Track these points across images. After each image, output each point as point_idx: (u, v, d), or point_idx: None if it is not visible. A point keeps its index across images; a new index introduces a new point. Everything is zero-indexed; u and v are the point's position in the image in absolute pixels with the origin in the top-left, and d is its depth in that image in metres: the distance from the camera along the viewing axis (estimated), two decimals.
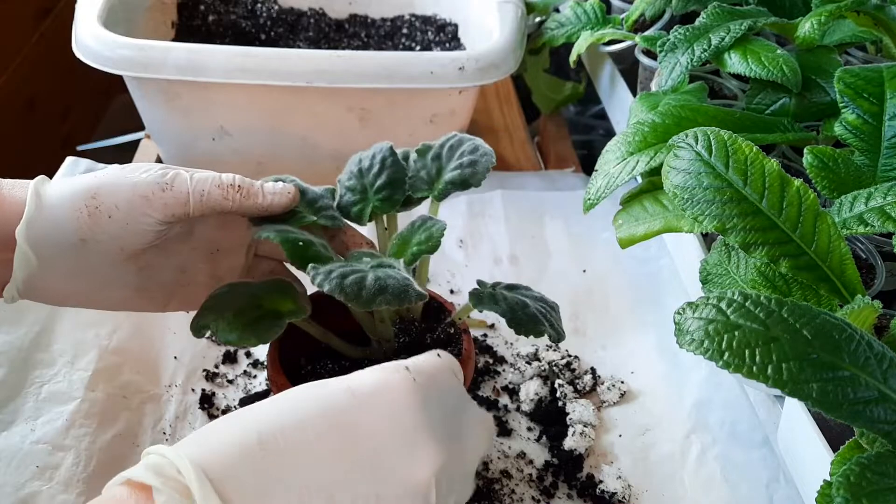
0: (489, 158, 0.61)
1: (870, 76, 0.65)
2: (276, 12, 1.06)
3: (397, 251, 0.57)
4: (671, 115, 0.67)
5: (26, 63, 1.29)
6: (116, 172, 0.54)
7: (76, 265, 0.54)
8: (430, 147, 0.62)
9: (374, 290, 0.48)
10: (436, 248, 0.55)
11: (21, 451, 0.64)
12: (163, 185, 0.53)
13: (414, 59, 0.83)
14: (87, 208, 0.52)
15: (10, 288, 0.54)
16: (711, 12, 0.76)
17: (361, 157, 0.62)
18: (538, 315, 0.54)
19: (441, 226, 0.56)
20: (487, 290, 0.55)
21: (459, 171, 0.60)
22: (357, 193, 0.60)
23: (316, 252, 0.53)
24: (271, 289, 0.55)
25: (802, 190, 0.53)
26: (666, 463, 0.68)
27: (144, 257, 0.56)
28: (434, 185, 0.60)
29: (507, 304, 0.53)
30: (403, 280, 0.50)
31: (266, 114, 0.86)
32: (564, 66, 1.09)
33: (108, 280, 0.55)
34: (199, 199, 0.54)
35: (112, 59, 0.82)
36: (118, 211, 0.52)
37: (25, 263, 0.52)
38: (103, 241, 0.53)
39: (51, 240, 0.52)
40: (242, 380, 0.73)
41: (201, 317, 0.53)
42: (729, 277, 0.59)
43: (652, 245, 0.86)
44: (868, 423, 0.41)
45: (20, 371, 0.70)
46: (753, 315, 0.42)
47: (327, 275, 0.48)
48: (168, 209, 0.53)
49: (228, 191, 0.54)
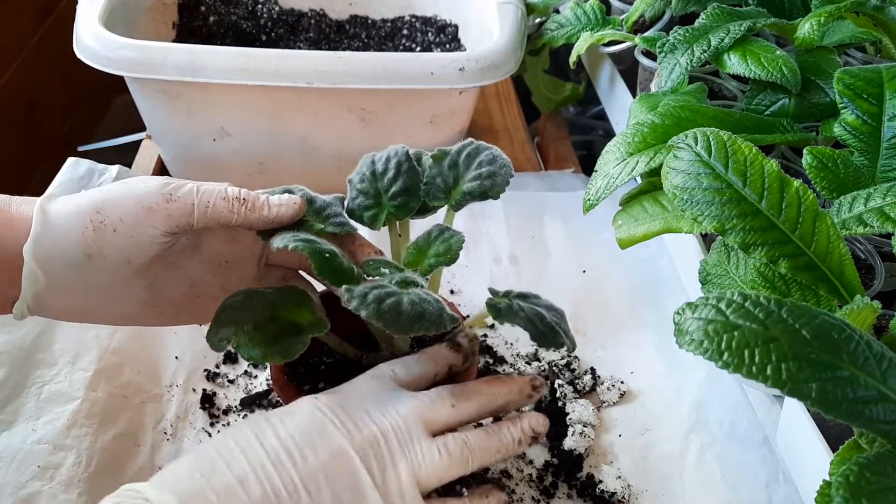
0: (508, 170, 0.59)
1: (869, 77, 0.65)
2: (276, 13, 1.07)
3: (413, 261, 0.56)
4: (671, 116, 0.68)
5: (27, 63, 1.30)
6: (120, 186, 0.54)
7: (84, 281, 0.54)
8: (446, 153, 0.61)
9: (412, 316, 0.48)
10: (454, 260, 0.54)
11: (22, 450, 0.64)
12: (167, 195, 0.53)
13: (414, 60, 0.83)
14: (92, 223, 0.52)
15: (19, 305, 0.54)
16: (711, 13, 0.76)
17: (375, 159, 0.61)
18: (555, 327, 0.53)
19: (460, 238, 0.55)
20: (504, 300, 0.54)
21: (479, 182, 0.58)
22: (370, 198, 0.59)
23: (340, 263, 0.52)
24: (286, 298, 0.54)
25: (802, 190, 0.53)
26: (665, 463, 0.68)
27: (152, 272, 0.56)
28: (451, 194, 0.59)
29: (526, 316, 0.52)
30: (438, 306, 0.49)
31: (267, 114, 0.86)
32: (564, 67, 1.09)
33: (116, 296, 0.56)
34: (203, 210, 0.54)
35: (113, 60, 0.82)
36: (123, 224, 0.53)
37: (33, 281, 0.53)
38: (110, 256, 0.53)
39: (58, 257, 0.52)
40: (243, 380, 0.73)
41: (218, 328, 0.52)
42: (728, 278, 0.59)
43: (651, 245, 0.86)
44: (867, 423, 0.41)
45: (21, 371, 0.70)
46: (753, 315, 0.42)
47: (363, 298, 0.48)
48: (172, 220, 0.53)
49: (234, 204, 0.54)
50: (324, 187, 0.63)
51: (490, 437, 0.51)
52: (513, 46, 0.87)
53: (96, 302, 0.55)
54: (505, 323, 0.52)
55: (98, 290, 0.55)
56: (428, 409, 0.51)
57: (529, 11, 0.98)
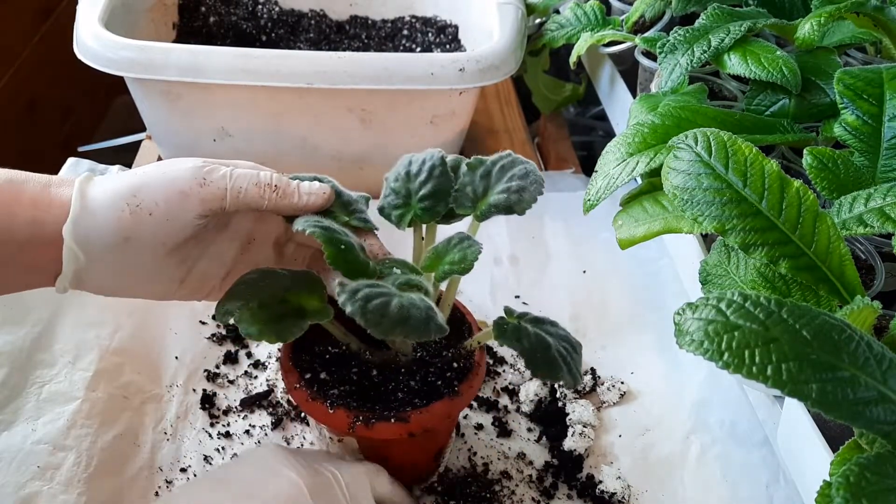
0: (538, 187, 0.59)
1: (869, 77, 0.65)
2: (276, 14, 1.07)
3: (429, 265, 0.56)
4: (671, 117, 0.68)
5: (27, 64, 1.30)
6: (155, 170, 0.55)
7: (121, 261, 0.55)
8: (482, 162, 0.61)
9: (395, 319, 0.47)
10: (468, 269, 0.54)
11: (22, 451, 0.64)
12: (200, 180, 0.54)
13: (414, 61, 0.83)
14: (128, 207, 0.54)
15: (61, 280, 0.55)
16: (711, 13, 0.76)
17: (412, 160, 0.61)
18: (557, 359, 0.52)
19: (476, 248, 0.55)
20: (512, 322, 0.54)
21: (506, 195, 0.58)
22: (401, 197, 0.60)
23: (355, 257, 0.53)
24: (300, 282, 0.55)
25: (802, 191, 0.53)
26: (666, 463, 0.68)
27: (185, 251, 0.57)
28: (478, 204, 0.59)
29: (528, 343, 0.52)
30: (426, 310, 0.49)
31: (267, 115, 0.86)
32: (564, 68, 1.09)
33: (152, 274, 0.57)
34: (235, 195, 0.55)
35: (113, 61, 0.82)
36: (158, 208, 0.54)
37: (73, 260, 0.54)
38: (145, 238, 0.54)
39: (96, 238, 0.54)
40: (243, 380, 0.73)
41: (227, 301, 0.53)
42: (728, 278, 0.59)
43: (652, 246, 0.86)
44: (867, 423, 0.41)
45: (21, 371, 0.70)
46: (753, 315, 0.42)
47: (352, 295, 0.48)
48: (206, 204, 0.54)
49: (265, 190, 0.56)
50: None
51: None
52: (513, 47, 0.87)
53: (132, 280, 0.57)
54: (504, 345, 0.52)
55: (134, 269, 0.56)
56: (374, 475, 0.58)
57: (529, 12, 0.98)
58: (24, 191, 0.54)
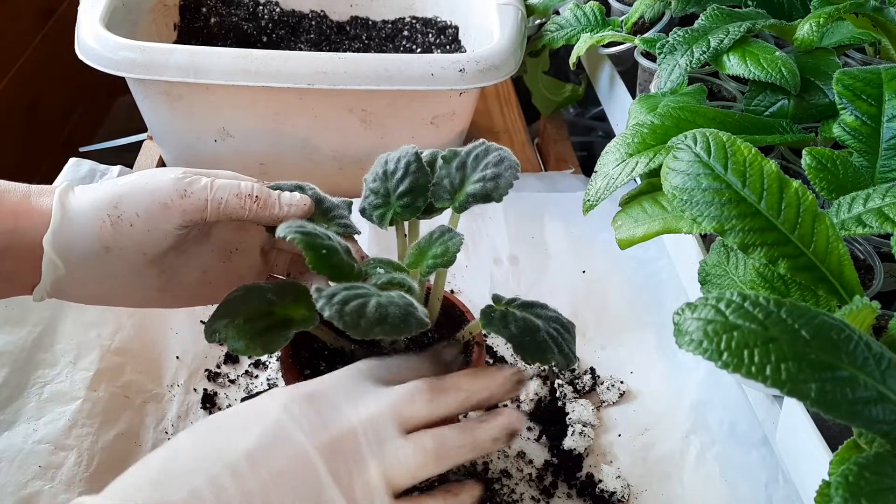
0: (513, 172, 0.59)
1: (868, 78, 0.65)
2: (277, 14, 1.07)
3: (413, 262, 0.56)
4: (670, 117, 0.68)
5: (29, 64, 1.30)
6: (136, 180, 0.55)
7: (101, 271, 0.55)
8: (456, 154, 0.61)
9: (373, 319, 0.47)
10: (451, 262, 0.54)
11: (23, 450, 0.64)
12: (181, 191, 0.54)
13: (415, 61, 0.83)
14: (109, 218, 0.54)
15: (39, 289, 0.55)
16: (710, 14, 0.76)
17: (388, 159, 0.61)
18: (547, 341, 0.52)
19: (458, 240, 0.55)
20: (500, 309, 0.53)
21: (482, 184, 0.58)
22: (380, 197, 0.60)
23: (339, 260, 0.53)
24: (285, 292, 0.55)
25: (801, 191, 0.53)
26: (665, 462, 0.68)
27: (166, 260, 0.57)
28: (456, 195, 0.59)
29: (516, 328, 0.52)
30: (405, 307, 0.49)
31: (268, 115, 0.87)
32: (564, 68, 1.10)
33: (132, 283, 0.57)
34: (216, 206, 0.55)
35: (114, 61, 0.82)
36: (139, 219, 0.54)
37: (53, 269, 0.54)
38: (126, 248, 0.55)
39: (76, 248, 0.54)
40: (244, 380, 0.73)
41: (214, 320, 0.53)
42: (728, 278, 0.59)
43: (651, 246, 0.86)
44: (866, 423, 0.41)
45: (23, 371, 0.70)
46: (752, 315, 0.42)
47: (329, 299, 0.47)
48: (187, 215, 0.54)
49: (246, 200, 0.56)
50: (324, 188, 0.63)
51: (465, 435, 0.49)
52: (513, 48, 0.87)
53: (113, 288, 0.57)
54: (491, 333, 0.52)
55: (114, 278, 0.56)
56: (403, 405, 0.48)
57: (529, 13, 0.98)
58: (3, 200, 0.53)
